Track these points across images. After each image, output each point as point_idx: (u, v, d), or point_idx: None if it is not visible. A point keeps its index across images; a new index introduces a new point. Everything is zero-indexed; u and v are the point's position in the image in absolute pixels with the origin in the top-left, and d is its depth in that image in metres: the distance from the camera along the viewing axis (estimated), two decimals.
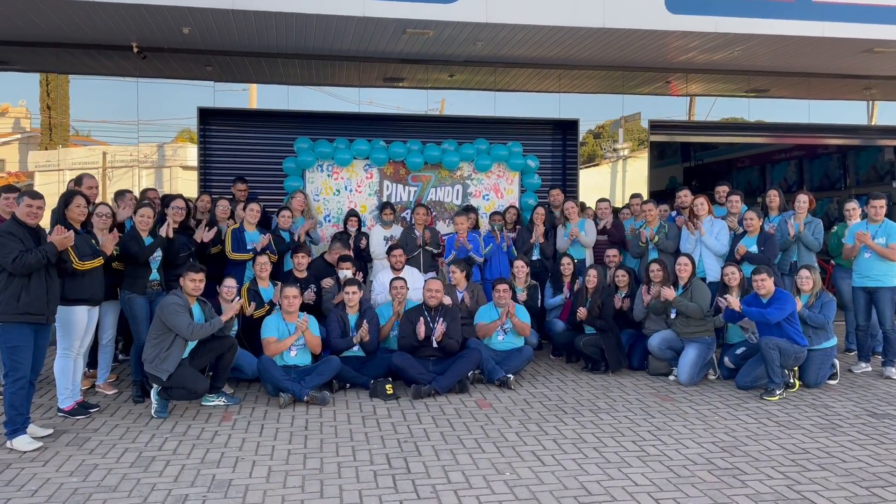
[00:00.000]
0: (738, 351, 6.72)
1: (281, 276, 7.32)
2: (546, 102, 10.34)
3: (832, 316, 6.51)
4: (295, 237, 7.72)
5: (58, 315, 5.25)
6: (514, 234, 8.37)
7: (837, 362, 6.78)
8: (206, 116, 9.66)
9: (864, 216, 7.28)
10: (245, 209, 7.49)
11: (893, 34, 8.69)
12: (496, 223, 8.37)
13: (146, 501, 3.96)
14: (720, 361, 6.93)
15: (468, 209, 8.70)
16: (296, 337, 6.20)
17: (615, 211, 8.91)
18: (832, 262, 8.44)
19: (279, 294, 6.46)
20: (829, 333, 6.54)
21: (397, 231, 8.31)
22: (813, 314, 6.42)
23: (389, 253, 7.55)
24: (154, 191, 7.68)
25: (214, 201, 7.85)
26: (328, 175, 9.16)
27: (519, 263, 7.67)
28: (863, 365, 7.24)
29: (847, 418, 5.59)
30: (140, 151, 9.43)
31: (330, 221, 9.07)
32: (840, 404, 6.00)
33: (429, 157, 9.22)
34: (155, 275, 6.20)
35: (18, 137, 9.42)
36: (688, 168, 16.92)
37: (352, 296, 6.64)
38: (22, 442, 4.79)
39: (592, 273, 7.34)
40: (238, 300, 6.14)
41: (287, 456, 4.68)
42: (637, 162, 10.86)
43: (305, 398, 5.84)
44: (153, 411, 5.54)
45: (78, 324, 5.48)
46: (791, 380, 6.38)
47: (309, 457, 4.66)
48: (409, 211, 9.04)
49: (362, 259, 7.98)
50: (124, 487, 4.15)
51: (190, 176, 9.61)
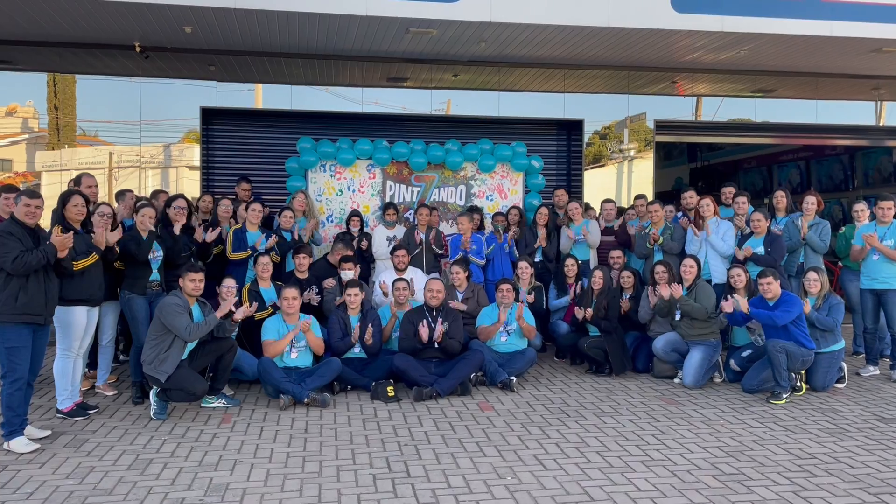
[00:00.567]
0: (745, 353, 6.64)
1: (282, 277, 7.28)
2: (550, 102, 10.28)
3: (840, 319, 6.42)
4: (297, 236, 7.66)
5: (56, 315, 5.21)
6: (514, 234, 8.28)
7: (845, 365, 6.70)
8: (209, 116, 9.63)
9: (873, 217, 7.20)
10: (247, 209, 7.45)
11: None
12: (499, 224, 8.31)
13: None
14: (726, 364, 6.84)
15: (472, 210, 8.64)
16: (294, 334, 6.14)
17: (620, 212, 8.82)
18: (840, 264, 8.35)
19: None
20: (837, 336, 6.45)
21: (400, 231, 8.25)
22: (821, 317, 6.33)
23: (393, 253, 7.50)
24: (164, 193, 7.58)
25: (217, 201, 7.80)
26: (331, 175, 9.11)
27: (523, 265, 7.60)
28: (871, 368, 7.15)
29: (855, 423, 5.51)
30: (143, 152, 9.41)
31: (333, 222, 9.02)
32: (848, 408, 5.92)
33: (432, 158, 9.16)
34: (155, 275, 6.17)
35: (26, 137, 9.42)
36: (694, 169, 16.80)
37: (354, 298, 6.58)
38: (19, 444, 4.75)
39: (598, 274, 7.27)
40: (236, 300, 6.07)
41: (286, 459, 4.63)
42: (643, 162, 10.78)
43: (306, 400, 5.78)
44: (152, 413, 5.50)
45: (77, 324, 5.44)
46: (798, 383, 6.30)
47: (308, 460, 4.61)
48: (413, 211, 8.98)
49: (364, 260, 7.93)
50: (120, 490, 4.10)
51: (196, 176, 9.58)
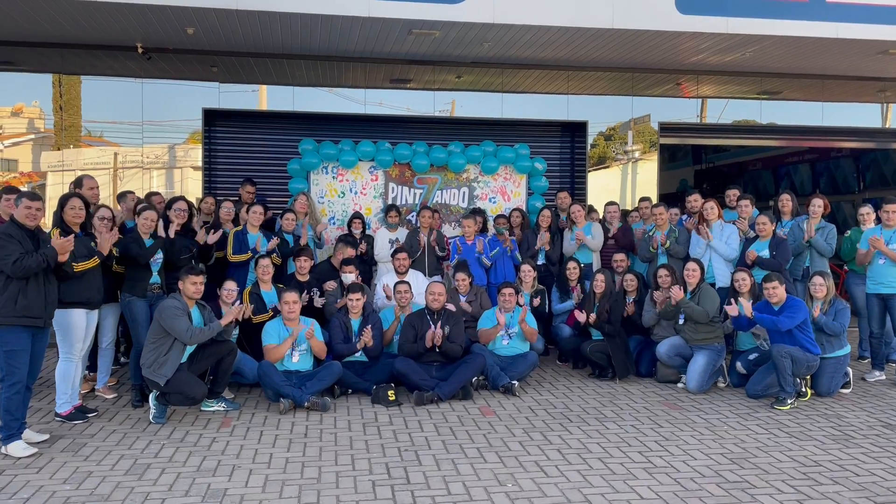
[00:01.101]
0: (751, 357, 6.58)
1: (284, 280, 7.24)
2: (554, 104, 10.23)
3: (846, 323, 6.36)
4: (306, 238, 7.61)
5: (55, 318, 5.17)
6: (516, 237, 8.24)
7: (851, 371, 6.63)
8: (211, 117, 9.61)
9: (879, 221, 7.13)
10: (249, 211, 7.42)
11: None
12: (501, 226, 8.25)
13: None
14: (731, 368, 6.78)
15: (475, 212, 8.59)
16: (293, 338, 6.09)
17: (624, 214, 8.75)
18: (845, 268, 8.27)
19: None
20: (843, 341, 6.38)
21: (402, 234, 8.20)
22: (829, 321, 6.26)
23: (394, 256, 7.45)
24: (158, 195, 7.59)
25: (219, 203, 7.77)
26: (333, 177, 9.07)
27: (526, 268, 7.54)
28: (877, 373, 7.08)
29: (860, 429, 5.44)
30: (145, 152, 9.39)
31: (334, 224, 8.98)
32: (853, 414, 5.85)
33: (435, 160, 9.11)
34: (156, 278, 6.14)
35: (32, 138, 9.41)
36: (699, 171, 16.73)
37: (355, 302, 6.54)
38: (16, 448, 4.72)
39: (600, 278, 7.21)
40: (239, 305, 6.04)
41: (285, 464, 4.59)
42: (647, 164, 10.72)
43: (306, 404, 5.74)
44: (151, 417, 5.46)
45: (76, 327, 5.41)
46: (803, 388, 6.24)
47: (307, 465, 4.57)
48: (415, 213, 8.93)
49: (365, 263, 7.88)
50: (117, 496, 4.06)
51: (200, 177, 9.56)
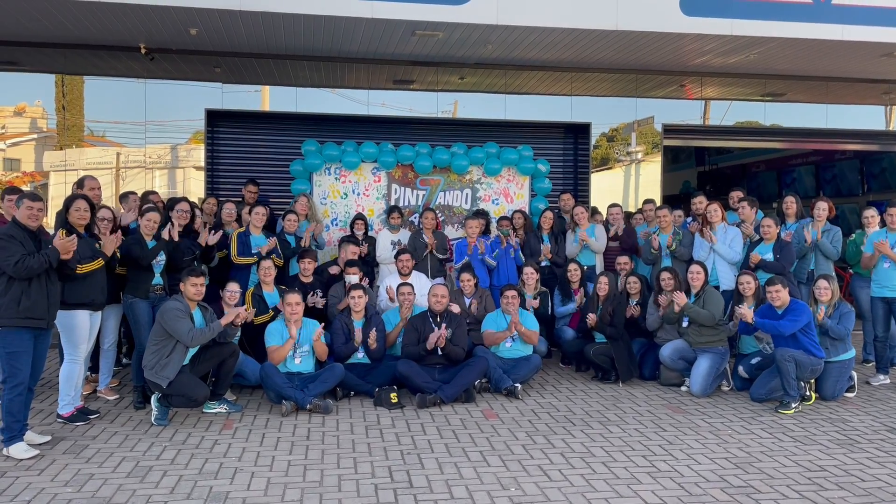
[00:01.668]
0: (754, 361, 6.55)
1: (286, 281, 7.22)
2: (557, 105, 10.20)
3: (851, 327, 6.32)
4: (301, 242, 7.61)
5: (59, 320, 5.18)
6: (518, 238, 8.22)
7: (855, 374, 6.60)
8: (214, 118, 9.60)
9: (884, 224, 7.09)
10: (252, 212, 7.40)
11: None
12: (504, 228, 8.24)
13: None
14: (734, 372, 6.75)
15: (478, 213, 8.56)
16: (294, 340, 6.06)
17: (627, 216, 8.72)
18: (850, 271, 8.24)
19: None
20: (847, 345, 6.35)
21: (404, 235, 8.19)
22: (834, 325, 6.23)
23: (397, 258, 7.44)
24: (156, 194, 7.59)
25: (221, 204, 7.77)
26: (336, 178, 9.06)
27: (529, 270, 7.52)
28: (881, 377, 7.04)
29: (865, 433, 5.42)
30: (148, 153, 9.38)
31: (337, 225, 8.97)
32: (858, 418, 5.82)
33: (438, 161, 9.10)
34: (158, 279, 6.13)
35: (35, 137, 9.41)
36: (702, 172, 16.69)
37: (358, 300, 6.52)
38: (18, 449, 4.71)
39: (603, 280, 7.18)
40: (243, 309, 6.01)
41: (287, 467, 4.57)
42: (650, 166, 10.69)
43: (308, 406, 5.72)
44: (153, 418, 5.45)
45: (80, 328, 5.41)
46: (807, 392, 6.21)
47: (309, 468, 4.55)
48: (418, 215, 8.92)
49: (367, 264, 7.87)
50: (119, 499, 4.05)
51: (202, 177, 9.55)
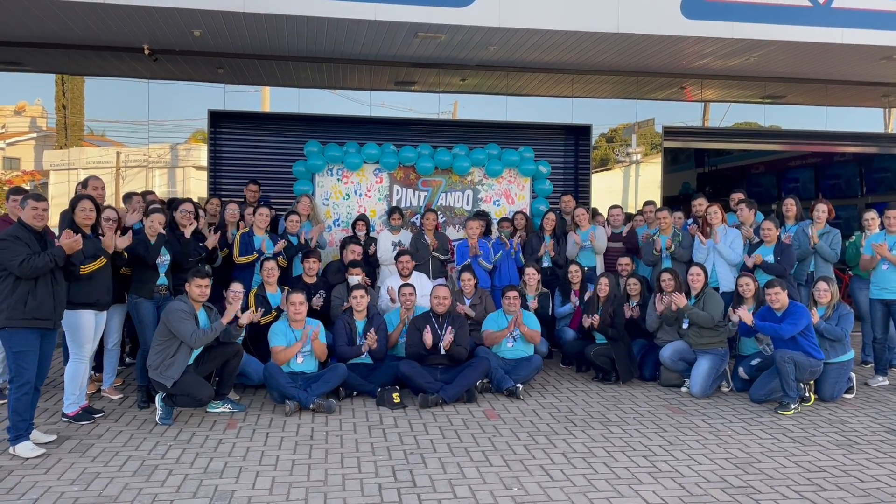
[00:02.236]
0: (753, 362, 6.59)
1: (290, 282, 7.26)
2: (558, 107, 10.26)
3: (850, 328, 6.37)
4: (303, 240, 7.64)
5: (64, 319, 5.20)
6: (520, 238, 8.26)
7: (854, 376, 6.64)
8: (217, 119, 9.64)
9: (883, 226, 7.14)
10: (255, 213, 7.44)
11: None
12: (505, 230, 8.27)
13: None
14: (734, 373, 6.80)
15: (479, 215, 8.60)
16: (302, 344, 6.13)
17: (628, 218, 8.77)
18: (849, 273, 8.28)
19: (286, 300, 6.38)
20: (846, 346, 6.39)
21: (406, 236, 8.23)
22: (830, 327, 6.28)
23: (397, 259, 7.47)
24: (153, 193, 7.61)
25: (224, 205, 7.80)
26: (338, 179, 9.10)
27: (530, 271, 7.56)
28: (880, 378, 7.09)
29: (864, 434, 5.46)
30: (150, 152, 9.41)
31: (339, 226, 9.00)
32: (857, 420, 5.87)
33: (439, 162, 9.13)
34: (163, 279, 6.15)
35: (34, 136, 9.44)
36: (701, 174, 16.74)
37: (360, 300, 6.55)
38: (24, 448, 4.74)
39: (604, 281, 7.22)
40: (249, 311, 6.04)
41: (291, 467, 4.61)
42: (650, 167, 10.74)
43: (311, 406, 5.76)
44: (158, 418, 5.48)
45: (86, 328, 5.44)
46: (806, 393, 6.25)
47: (313, 468, 4.59)
48: (419, 216, 8.96)
49: (370, 265, 7.90)
50: (125, 498, 4.09)
51: (203, 176, 9.59)
